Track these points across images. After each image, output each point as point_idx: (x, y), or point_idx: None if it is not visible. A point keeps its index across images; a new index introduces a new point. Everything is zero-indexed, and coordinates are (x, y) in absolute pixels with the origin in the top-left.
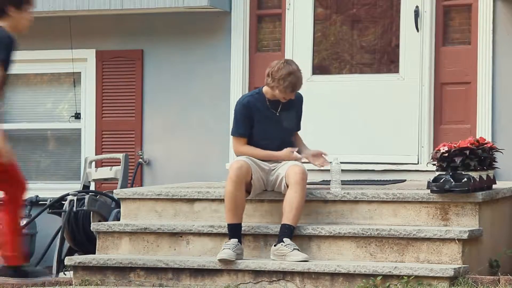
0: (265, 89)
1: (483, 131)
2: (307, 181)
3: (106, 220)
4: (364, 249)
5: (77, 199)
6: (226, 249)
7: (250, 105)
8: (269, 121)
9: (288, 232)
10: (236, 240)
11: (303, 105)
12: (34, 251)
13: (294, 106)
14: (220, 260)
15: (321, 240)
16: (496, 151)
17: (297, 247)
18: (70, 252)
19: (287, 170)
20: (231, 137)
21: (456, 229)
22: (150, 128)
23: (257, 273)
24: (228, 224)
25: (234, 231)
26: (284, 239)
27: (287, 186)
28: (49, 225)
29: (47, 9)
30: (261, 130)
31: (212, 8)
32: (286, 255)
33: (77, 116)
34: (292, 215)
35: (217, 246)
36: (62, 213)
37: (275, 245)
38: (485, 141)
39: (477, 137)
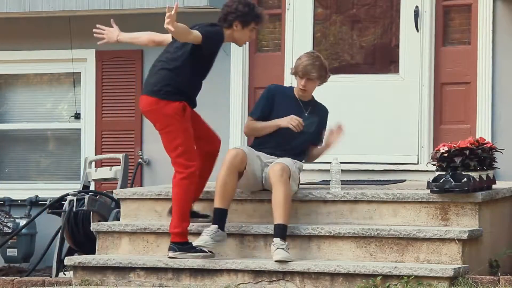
0: (295, 88)
1: (483, 131)
2: (309, 180)
3: (106, 220)
4: (364, 249)
5: (77, 199)
6: (205, 235)
7: (276, 90)
8: (293, 113)
9: (278, 231)
10: (216, 226)
11: (327, 120)
12: (34, 251)
13: (318, 114)
14: (197, 246)
15: (321, 240)
16: (496, 151)
17: (282, 247)
18: (70, 252)
19: (269, 169)
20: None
21: (456, 229)
22: (150, 128)
23: (257, 273)
24: (214, 208)
25: (218, 216)
26: (274, 239)
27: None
28: (49, 225)
29: (47, 9)
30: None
31: (212, 8)
32: (272, 255)
33: (77, 116)
34: (279, 214)
35: (217, 246)
36: (62, 213)
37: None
38: (485, 141)
39: (477, 137)
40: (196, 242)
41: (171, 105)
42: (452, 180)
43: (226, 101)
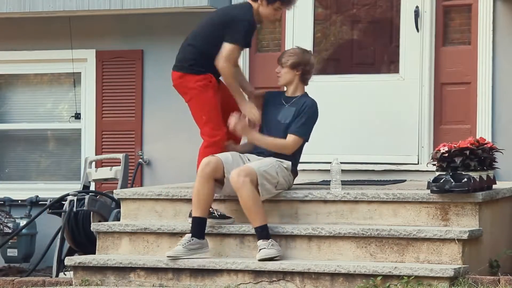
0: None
1: (483, 131)
2: (309, 180)
3: (106, 220)
4: (364, 249)
5: (77, 199)
6: (178, 245)
7: (267, 97)
8: (274, 111)
9: (257, 234)
10: (190, 235)
11: (308, 112)
12: (34, 251)
13: (298, 106)
14: (168, 257)
15: (321, 240)
16: (496, 151)
17: (264, 246)
18: (70, 252)
19: None
20: None
21: (456, 229)
22: (150, 128)
23: (257, 273)
24: (192, 217)
25: (194, 224)
26: (257, 242)
27: None
28: (49, 225)
29: (47, 9)
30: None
31: (212, 8)
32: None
33: (77, 116)
34: (251, 218)
35: (217, 246)
36: (62, 213)
37: None
38: (485, 141)
39: (477, 137)
40: (168, 252)
41: (193, 78)
42: (452, 180)
43: None
